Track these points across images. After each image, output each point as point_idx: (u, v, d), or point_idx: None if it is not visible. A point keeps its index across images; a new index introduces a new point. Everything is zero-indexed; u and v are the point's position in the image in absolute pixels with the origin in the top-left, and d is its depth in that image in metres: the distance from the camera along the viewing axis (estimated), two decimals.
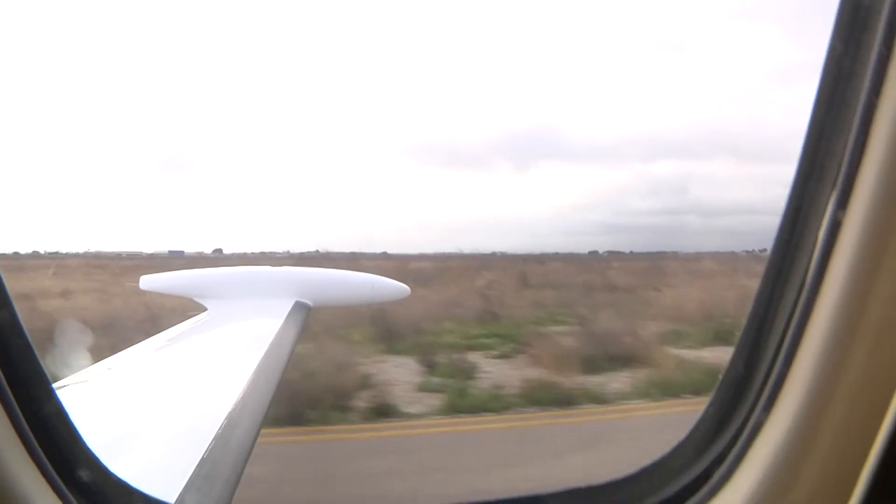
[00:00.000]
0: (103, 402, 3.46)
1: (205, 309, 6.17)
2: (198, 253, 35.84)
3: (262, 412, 3.33)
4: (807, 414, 1.27)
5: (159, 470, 2.41)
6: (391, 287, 7.14)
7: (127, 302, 16.93)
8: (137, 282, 6.94)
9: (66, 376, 3.81)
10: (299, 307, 6.10)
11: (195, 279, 6.81)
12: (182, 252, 35.82)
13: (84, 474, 1.49)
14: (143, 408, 3.30)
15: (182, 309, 6.64)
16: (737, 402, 1.50)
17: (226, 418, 2.91)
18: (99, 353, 4.59)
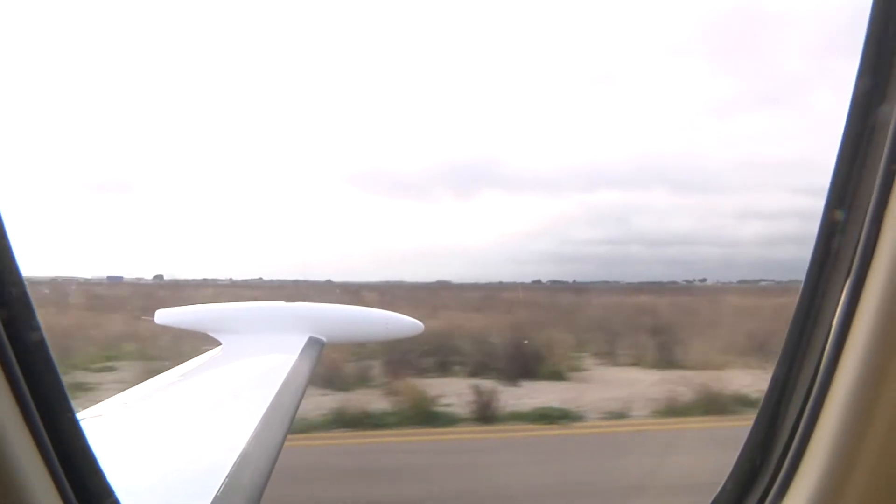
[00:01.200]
0: (118, 437, 3.45)
1: (219, 343, 6.19)
2: (137, 279, 35.51)
3: (276, 449, 3.31)
4: (821, 501, 1.24)
5: None
6: (405, 323, 7.14)
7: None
8: (152, 316, 6.97)
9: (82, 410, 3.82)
10: (313, 343, 6.10)
11: (210, 314, 6.85)
12: (121, 278, 35.09)
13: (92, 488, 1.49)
14: (158, 444, 3.29)
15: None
16: (750, 486, 1.48)
17: (239, 455, 2.90)
18: None
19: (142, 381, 4.87)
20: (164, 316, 6.86)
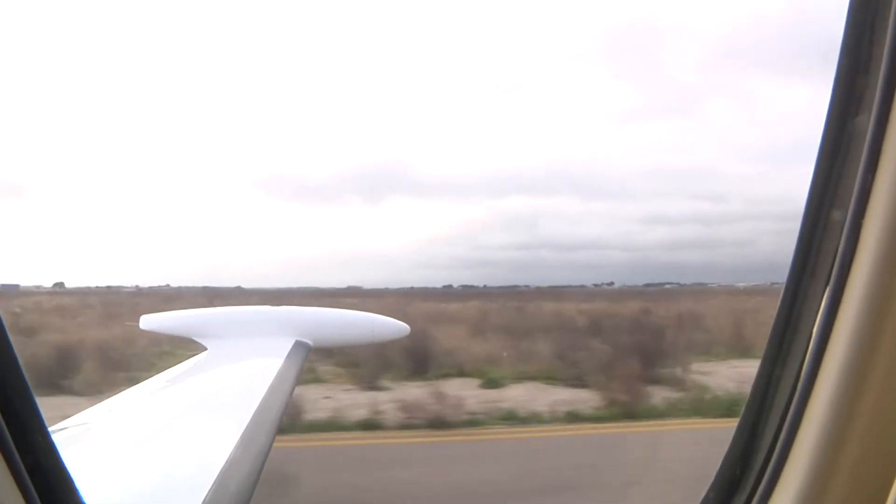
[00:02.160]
0: (103, 444, 3.45)
1: (205, 349, 6.17)
2: (36, 286, 34.57)
3: (263, 454, 3.31)
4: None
5: None
6: (391, 326, 7.15)
7: None
8: (136, 322, 6.94)
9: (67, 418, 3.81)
10: (299, 346, 6.10)
11: (195, 319, 6.82)
12: (17, 286, 34.02)
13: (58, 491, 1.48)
14: (144, 451, 3.29)
15: None
16: (732, 494, 1.50)
17: (226, 461, 2.90)
18: None
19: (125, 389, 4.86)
20: (149, 322, 6.82)
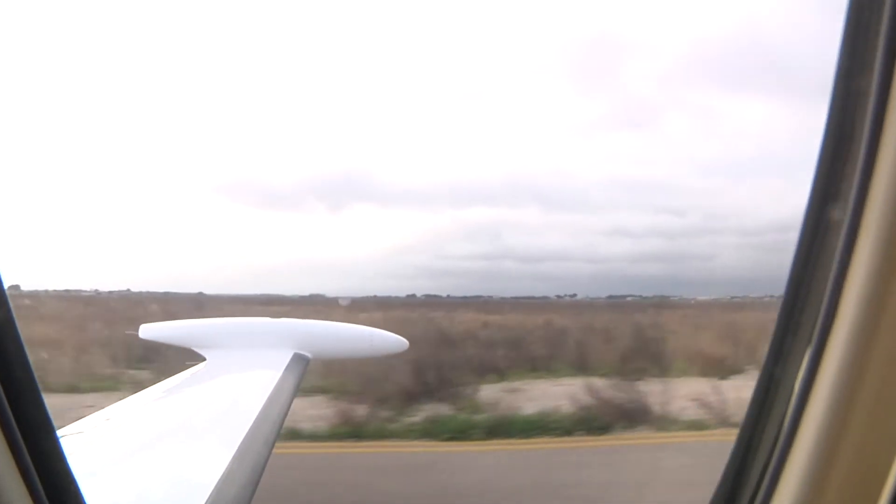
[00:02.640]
0: (99, 454, 3.44)
1: (203, 359, 6.17)
2: None
3: (260, 465, 3.31)
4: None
5: None
6: (390, 340, 7.15)
7: None
8: (136, 330, 6.95)
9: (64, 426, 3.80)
10: (298, 359, 6.10)
11: (195, 329, 6.83)
12: None
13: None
14: (141, 461, 3.28)
15: None
16: (735, 498, 1.51)
17: (224, 472, 2.90)
18: None
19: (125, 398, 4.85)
20: (148, 330, 6.83)
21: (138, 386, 6.64)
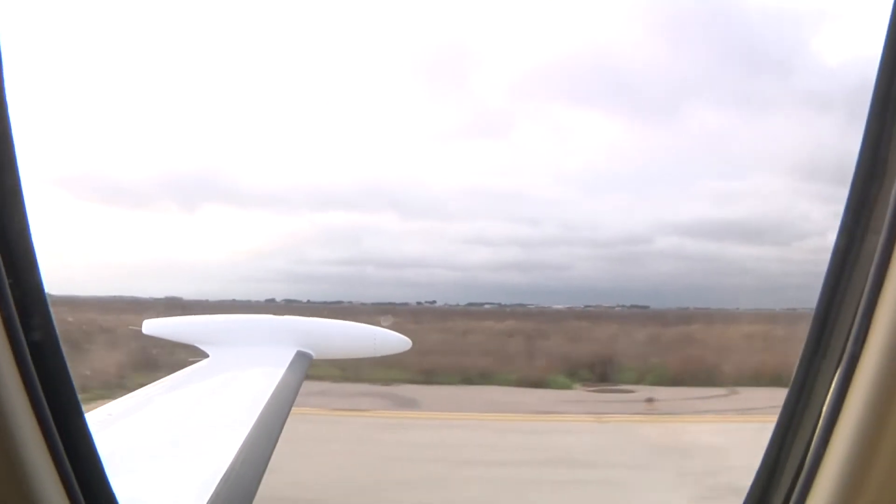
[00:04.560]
0: (102, 450, 3.41)
1: (207, 355, 6.15)
2: None
3: (264, 462, 3.29)
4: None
5: None
6: (393, 340, 7.13)
7: None
8: (139, 326, 6.94)
9: None
10: (301, 357, 6.08)
11: (198, 325, 6.82)
12: None
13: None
14: (145, 456, 3.26)
15: None
16: (770, 496, 1.50)
17: (227, 468, 2.88)
18: None
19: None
20: (151, 326, 6.82)
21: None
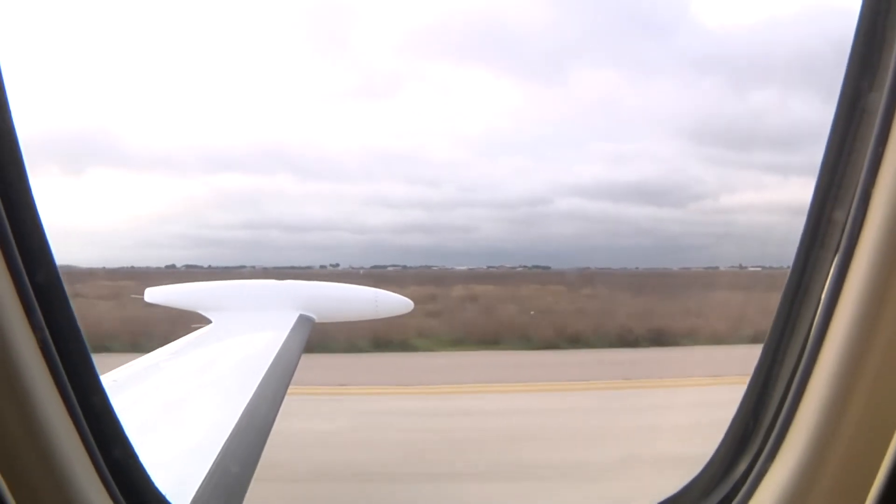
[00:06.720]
0: None
1: (209, 321, 6.22)
2: None
3: (269, 423, 3.37)
4: (808, 463, 1.32)
5: (168, 483, 2.44)
6: (395, 301, 7.17)
7: None
8: (142, 294, 6.98)
9: None
10: (303, 320, 6.14)
11: (200, 292, 6.86)
12: None
13: (132, 480, 1.52)
14: (152, 419, 3.33)
15: None
16: (742, 450, 1.56)
17: (233, 429, 2.95)
18: None
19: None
20: (153, 294, 6.86)
21: None
